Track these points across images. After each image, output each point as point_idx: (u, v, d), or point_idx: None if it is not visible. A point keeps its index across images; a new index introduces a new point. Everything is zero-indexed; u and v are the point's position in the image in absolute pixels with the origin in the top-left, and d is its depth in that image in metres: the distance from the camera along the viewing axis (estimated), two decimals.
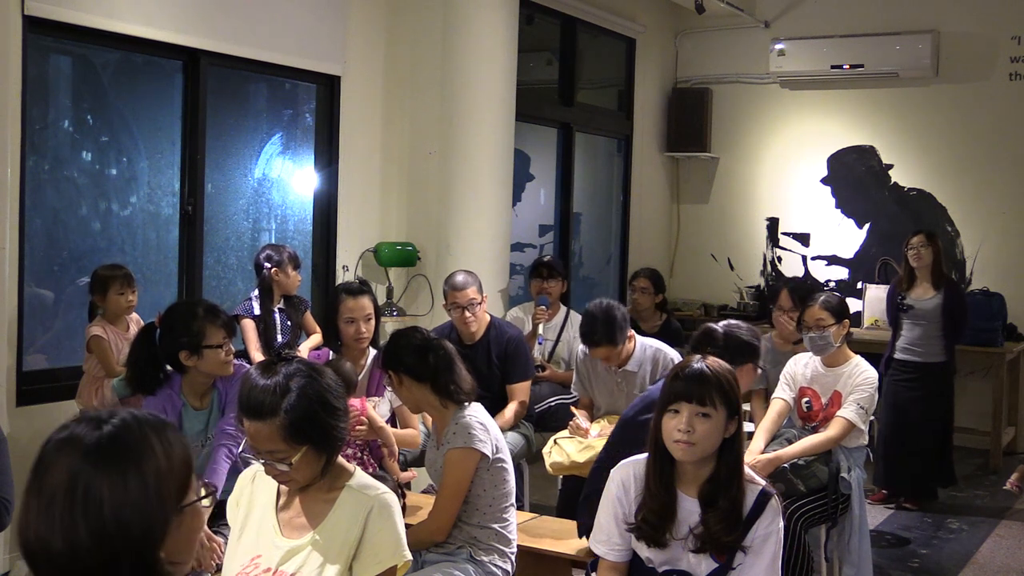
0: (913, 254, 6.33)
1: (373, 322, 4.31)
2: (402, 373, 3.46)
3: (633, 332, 4.90)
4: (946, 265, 6.72)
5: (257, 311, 5.03)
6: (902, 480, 6.37)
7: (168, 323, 3.67)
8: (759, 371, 3.92)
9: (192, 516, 1.54)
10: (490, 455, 3.34)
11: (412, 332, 3.56)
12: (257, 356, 4.86)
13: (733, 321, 3.99)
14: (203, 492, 1.57)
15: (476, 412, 3.42)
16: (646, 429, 3.58)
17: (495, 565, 3.34)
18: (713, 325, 3.94)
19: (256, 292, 5.10)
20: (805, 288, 5.16)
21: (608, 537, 2.79)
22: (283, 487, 2.48)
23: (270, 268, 5.04)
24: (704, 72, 9.13)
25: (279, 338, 5.04)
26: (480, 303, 5.03)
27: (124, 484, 1.44)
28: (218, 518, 3.61)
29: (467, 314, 4.99)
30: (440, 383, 3.41)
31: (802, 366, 4.61)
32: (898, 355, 6.35)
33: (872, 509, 6.00)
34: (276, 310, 5.10)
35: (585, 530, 3.68)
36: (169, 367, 3.71)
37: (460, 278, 5.05)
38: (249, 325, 5.00)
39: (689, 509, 2.68)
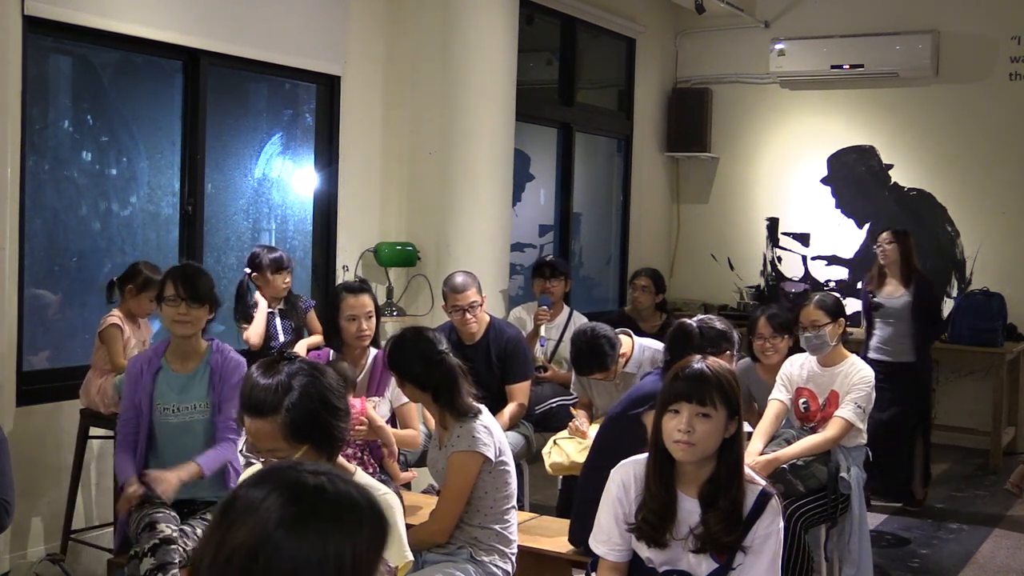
0: (880, 252, 6.28)
1: (374, 320, 4.31)
2: (406, 379, 3.50)
3: (631, 334, 4.91)
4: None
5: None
6: (875, 482, 6.27)
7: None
8: (735, 359, 3.98)
9: None
10: (493, 458, 3.34)
11: (421, 340, 3.52)
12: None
13: (704, 316, 4.06)
14: None
15: (480, 415, 3.43)
16: (631, 426, 3.61)
17: (495, 565, 3.34)
18: (686, 321, 3.97)
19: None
20: (783, 315, 4.94)
21: (608, 537, 2.79)
22: None
23: (249, 273, 5.01)
24: (704, 72, 9.13)
25: (280, 338, 5.02)
26: (480, 304, 5.03)
27: (307, 567, 1.32)
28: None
29: (468, 316, 4.98)
30: (440, 399, 3.43)
31: (798, 367, 4.61)
32: (871, 355, 6.23)
33: (872, 510, 6.00)
34: (276, 311, 5.08)
35: (575, 537, 3.68)
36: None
37: (459, 280, 5.03)
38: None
39: (689, 509, 2.68)
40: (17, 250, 4.55)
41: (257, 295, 4.98)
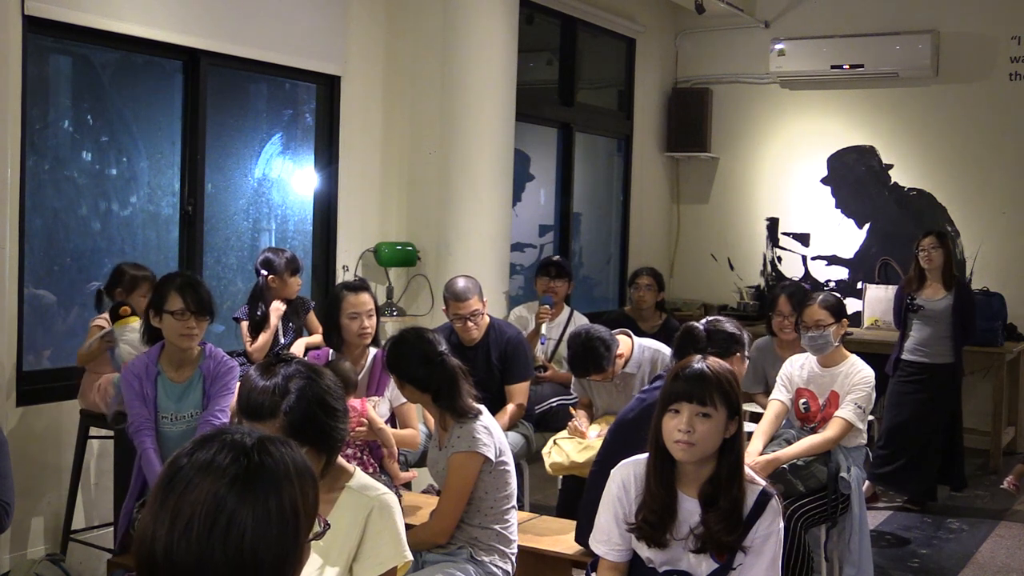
0: (924, 256, 6.32)
1: (375, 318, 4.31)
2: (406, 381, 3.50)
3: (630, 334, 4.91)
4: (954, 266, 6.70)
5: (246, 316, 5.01)
6: (904, 482, 6.35)
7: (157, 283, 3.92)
8: (747, 361, 4.05)
9: (307, 551, 1.52)
10: (493, 458, 3.34)
11: (421, 341, 3.52)
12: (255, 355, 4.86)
13: (713, 317, 4.10)
14: (317, 528, 1.55)
15: (480, 416, 3.43)
16: (643, 430, 3.60)
17: (495, 565, 3.34)
18: (694, 323, 4.03)
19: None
20: (803, 292, 5.14)
21: (608, 537, 2.79)
22: None
23: (266, 276, 5.02)
24: (704, 72, 9.12)
25: (282, 340, 5.04)
26: (482, 312, 5.02)
27: (267, 518, 1.42)
28: None
29: (470, 324, 4.98)
30: (441, 400, 3.43)
31: (798, 367, 4.61)
32: (906, 356, 6.33)
33: (872, 509, 6.00)
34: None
35: (583, 537, 3.67)
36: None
37: (461, 286, 5.00)
38: (246, 327, 4.99)
39: (690, 509, 2.68)
40: (17, 250, 4.55)
41: (274, 304, 4.98)
